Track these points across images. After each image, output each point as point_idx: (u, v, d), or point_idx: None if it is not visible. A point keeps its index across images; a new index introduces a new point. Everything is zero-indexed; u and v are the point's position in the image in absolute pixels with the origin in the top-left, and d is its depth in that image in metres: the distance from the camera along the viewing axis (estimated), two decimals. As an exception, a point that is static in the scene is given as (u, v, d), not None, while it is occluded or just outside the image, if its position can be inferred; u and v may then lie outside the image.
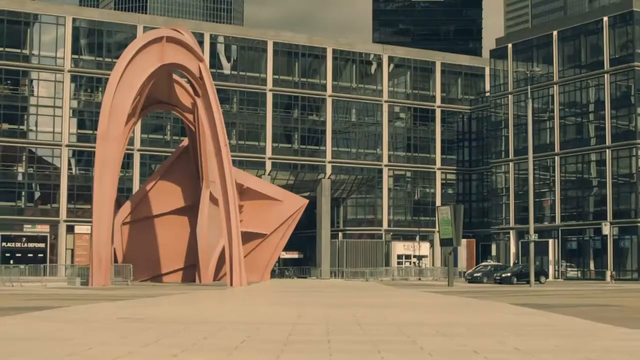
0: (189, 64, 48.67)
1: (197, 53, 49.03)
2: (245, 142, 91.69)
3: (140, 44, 45.34)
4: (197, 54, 49.09)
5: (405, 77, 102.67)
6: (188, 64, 48.54)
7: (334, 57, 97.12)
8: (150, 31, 48.04)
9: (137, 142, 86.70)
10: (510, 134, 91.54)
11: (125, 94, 44.67)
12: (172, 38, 47.19)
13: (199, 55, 49.23)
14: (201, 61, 49.41)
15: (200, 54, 49.24)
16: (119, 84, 44.14)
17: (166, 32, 47.38)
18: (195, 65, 49.12)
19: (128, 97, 44.82)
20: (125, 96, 44.63)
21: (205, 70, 49.38)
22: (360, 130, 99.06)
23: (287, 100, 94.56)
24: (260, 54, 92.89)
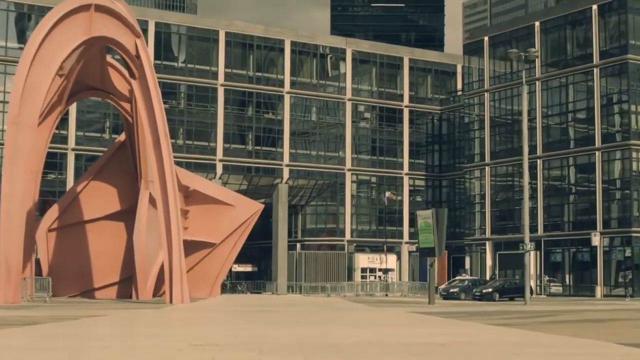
0: (123, 39, 42.28)
1: (133, 27, 42.63)
2: (194, 142, 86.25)
3: (62, 12, 39.02)
4: (133, 28, 42.69)
5: (370, 73, 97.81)
6: (122, 39, 42.14)
7: (293, 50, 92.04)
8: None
9: (72, 140, 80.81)
10: (487, 135, 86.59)
11: (43, 71, 38.31)
12: (102, 7, 40.83)
13: (135, 29, 42.85)
14: (138, 37, 43.05)
15: (137, 28, 42.91)
16: (34, 60, 37.81)
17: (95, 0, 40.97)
18: (130, 41, 42.75)
19: (46, 76, 38.46)
20: (43, 74, 38.27)
21: (142, 47, 43.02)
22: (321, 130, 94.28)
23: (241, 96, 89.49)
24: (211, 45, 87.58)
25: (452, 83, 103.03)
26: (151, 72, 43.32)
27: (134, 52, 43.47)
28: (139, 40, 43.65)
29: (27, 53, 38.34)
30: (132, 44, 43.35)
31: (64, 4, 40.55)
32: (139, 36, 43.77)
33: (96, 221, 55.33)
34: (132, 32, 43.55)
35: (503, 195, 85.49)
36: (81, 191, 55.31)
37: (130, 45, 43.37)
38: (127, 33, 43.17)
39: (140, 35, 43.91)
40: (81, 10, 40.65)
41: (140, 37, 43.89)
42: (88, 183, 55.55)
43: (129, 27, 43.30)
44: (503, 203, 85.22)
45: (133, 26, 43.51)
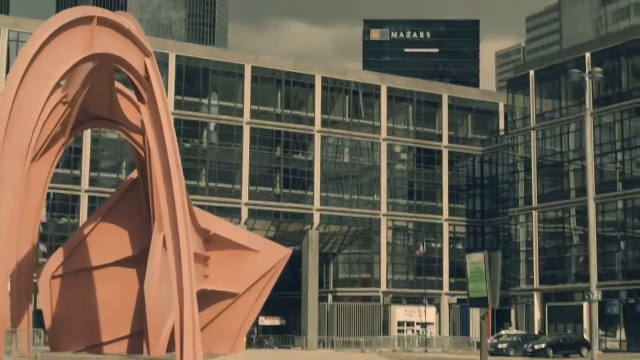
0: (131, 58, 37.60)
1: (143, 44, 37.97)
2: (217, 184, 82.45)
3: (59, 25, 34.51)
4: (142, 46, 38.01)
5: (406, 112, 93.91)
6: (129, 57, 37.46)
7: (324, 86, 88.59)
8: (73, 8, 37.29)
9: (85, 181, 77.51)
10: (534, 177, 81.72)
11: (35, 91, 33.78)
12: (107, 20, 36.24)
13: (144, 47, 38.16)
14: (148, 56, 38.33)
15: (147, 46, 38.23)
16: (25, 77, 33.22)
17: (98, 11, 36.45)
18: (139, 61, 38.05)
19: (39, 96, 33.93)
20: (35, 95, 33.73)
21: (152, 67, 38.27)
22: (354, 173, 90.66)
23: (268, 135, 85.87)
24: (237, 81, 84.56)
25: (495, 123, 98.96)
26: (162, 95, 38.57)
27: (143, 73, 38.77)
28: (148, 59, 38.95)
29: (17, 69, 33.78)
30: (140, 64, 38.68)
31: (62, 15, 36.08)
32: (148, 55, 39.06)
33: (105, 268, 50.48)
34: (141, 50, 38.87)
35: (552, 242, 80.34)
36: (89, 234, 50.57)
37: (139, 65, 38.70)
38: (135, 51, 38.50)
39: (150, 54, 39.22)
40: (82, 24, 36.06)
41: (150, 56, 39.19)
42: (96, 225, 50.83)
43: (138, 44, 38.62)
44: (552, 250, 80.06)
45: (142, 44, 38.82)
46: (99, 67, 40.21)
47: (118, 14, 39.50)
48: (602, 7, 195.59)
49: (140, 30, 40.12)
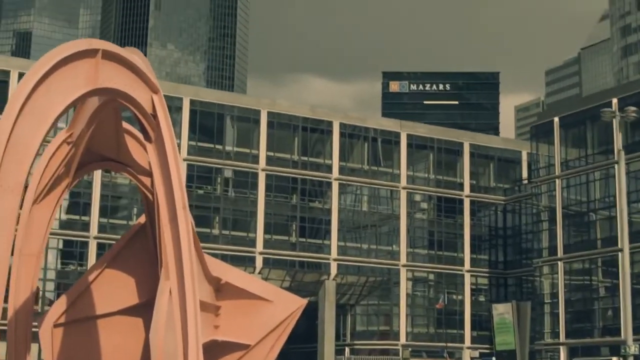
0: (137, 94, 35.51)
1: (150, 80, 35.84)
2: (231, 232, 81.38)
3: (60, 57, 32.45)
4: (149, 82, 35.89)
5: (427, 160, 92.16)
6: (135, 93, 35.39)
7: (342, 133, 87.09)
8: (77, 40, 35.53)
9: (94, 227, 76.13)
10: (558, 227, 79.33)
11: (33, 126, 31.64)
12: (112, 54, 34.24)
13: (152, 83, 36.09)
14: (155, 92, 36.16)
15: (154, 82, 36.17)
16: (22, 111, 31.23)
17: (103, 44, 34.55)
18: (146, 97, 35.93)
19: (37, 132, 31.80)
20: (33, 129, 31.59)
21: (160, 104, 36.16)
22: (372, 222, 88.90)
23: (284, 182, 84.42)
24: (252, 126, 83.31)
25: (517, 171, 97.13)
26: (169, 133, 36.44)
27: (149, 110, 36.68)
28: (156, 96, 36.96)
29: (14, 101, 31.93)
30: (147, 100, 36.66)
31: (64, 47, 34.27)
32: (156, 91, 37.10)
33: (110, 316, 48.29)
34: (148, 86, 36.85)
35: (578, 294, 77.80)
36: (93, 281, 48.43)
37: (146, 102, 36.67)
38: (142, 87, 36.51)
39: (157, 90, 37.28)
40: (85, 57, 34.21)
41: (157, 92, 37.23)
42: (101, 271, 48.70)
43: (144, 80, 36.65)
44: (579, 302, 77.51)
45: (149, 79, 36.82)
46: (104, 104, 38.49)
47: (125, 49, 37.97)
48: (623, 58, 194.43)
49: (148, 65, 38.45)
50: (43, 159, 37.68)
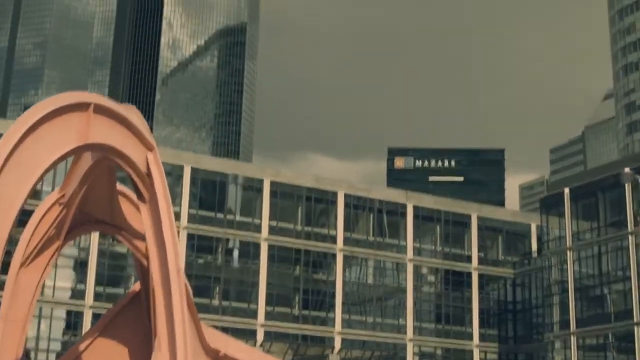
0: (131, 152, 33.90)
1: (145, 137, 34.30)
2: (232, 303, 79.59)
3: (50, 109, 30.94)
4: (144, 139, 34.34)
5: (433, 232, 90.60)
6: (129, 150, 33.78)
7: (347, 203, 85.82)
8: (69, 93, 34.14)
9: (90, 296, 74.46)
10: (570, 300, 77.56)
11: (19, 180, 30.04)
12: (105, 108, 32.70)
13: (147, 141, 34.49)
14: (150, 150, 34.56)
15: (149, 139, 34.57)
16: (6, 164, 29.56)
17: (95, 97, 32.98)
18: (140, 155, 34.33)
19: (22, 186, 30.16)
20: (18, 184, 29.98)
21: (154, 163, 34.51)
22: (378, 294, 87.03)
23: (287, 253, 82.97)
24: (255, 195, 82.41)
25: (526, 244, 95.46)
26: (164, 194, 34.62)
27: (144, 168, 34.97)
28: (150, 154, 35.28)
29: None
30: (141, 159, 34.97)
31: (54, 99, 32.66)
32: (151, 149, 35.42)
33: (101, 389, 46.10)
34: (143, 143, 35.19)
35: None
36: (84, 351, 46.33)
37: (140, 160, 34.97)
38: (136, 144, 34.84)
39: (153, 148, 35.59)
40: (76, 110, 32.61)
41: (152, 150, 35.57)
42: (92, 341, 46.57)
43: (139, 137, 35.00)
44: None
45: (144, 136, 35.19)
46: (98, 163, 36.80)
47: (121, 105, 36.30)
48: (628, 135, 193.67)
49: (144, 123, 36.85)
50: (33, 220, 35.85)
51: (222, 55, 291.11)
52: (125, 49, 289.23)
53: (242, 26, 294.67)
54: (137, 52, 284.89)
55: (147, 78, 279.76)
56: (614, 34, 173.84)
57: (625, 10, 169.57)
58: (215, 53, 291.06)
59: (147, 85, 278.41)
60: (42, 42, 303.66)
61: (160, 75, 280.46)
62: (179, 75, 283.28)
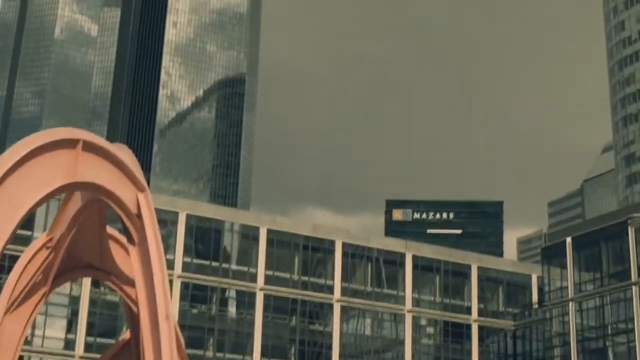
0: (121, 192, 32.90)
1: (136, 177, 33.37)
2: (226, 354, 78.02)
3: (36, 144, 29.99)
4: (135, 179, 33.41)
5: (433, 283, 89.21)
6: (119, 190, 32.78)
7: (345, 252, 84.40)
8: (57, 128, 33.21)
9: (80, 346, 73.05)
10: (572, 353, 75.94)
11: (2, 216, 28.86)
12: (94, 146, 31.77)
13: (138, 181, 33.54)
14: (142, 191, 33.61)
15: (141, 180, 33.61)
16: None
17: (84, 134, 32.01)
18: (130, 196, 33.36)
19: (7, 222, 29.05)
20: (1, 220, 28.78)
21: (145, 204, 33.51)
22: (376, 346, 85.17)
23: (284, 303, 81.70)
24: (251, 243, 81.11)
25: (527, 295, 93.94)
26: (155, 236, 33.50)
27: (134, 209, 33.90)
28: (141, 195, 34.20)
29: (-20, 192, 29.21)
30: (132, 199, 33.89)
31: (42, 134, 31.68)
32: (142, 190, 34.36)
33: None
34: (134, 183, 34.15)
35: None
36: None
37: (130, 201, 33.89)
38: (127, 184, 33.78)
39: (144, 189, 34.53)
40: (64, 147, 31.57)
41: (144, 191, 34.48)
42: (81, 392, 45.31)
43: (130, 176, 33.95)
44: None
45: (135, 176, 34.15)
46: (87, 205, 35.68)
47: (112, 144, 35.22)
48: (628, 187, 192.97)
49: (135, 162, 35.74)
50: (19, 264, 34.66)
51: (221, 106, 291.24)
52: (124, 99, 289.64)
53: (241, 77, 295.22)
54: (135, 102, 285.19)
55: (145, 129, 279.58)
56: (614, 85, 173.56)
57: (625, 61, 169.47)
58: (214, 104, 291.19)
59: (144, 136, 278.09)
60: (40, 92, 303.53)
61: (158, 126, 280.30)
62: (177, 127, 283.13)
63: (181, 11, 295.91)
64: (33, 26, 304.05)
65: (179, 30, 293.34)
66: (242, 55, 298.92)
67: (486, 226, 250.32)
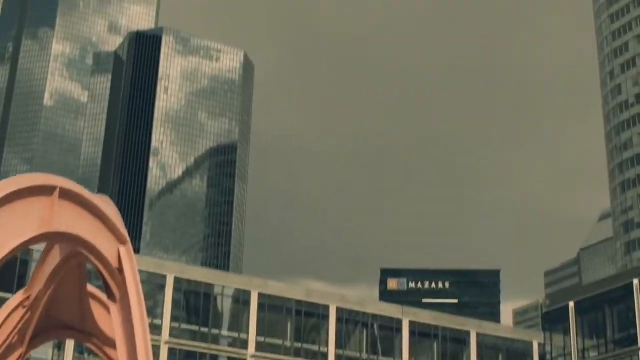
0: (101, 244, 30.79)
1: (117, 229, 31.28)
2: None
3: (9, 190, 27.93)
4: (116, 231, 31.33)
5: (431, 350, 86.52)
6: (99, 242, 30.67)
7: (339, 317, 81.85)
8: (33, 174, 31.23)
9: None
10: (577, 423, 72.78)
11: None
12: (72, 194, 29.77)
13: (119, 233, 31.46)
14: (123, 243, 31.54)
15: (122, 232, 31.51)
16: (-45, 251, 26.37)
17: (61, 181, 30.05)
18: (111, 249, 31.25)
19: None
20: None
21: (127, 258, 31.45)
22: None
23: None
24: (241, 308, 78.17)
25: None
26: (137, 293, 31.27)
27: (115, 263, 31.73)
28: (123, 248, 32.11)
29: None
30: (112, 253, 31.78)
31: (16, 179, 29.65)
32: (124, 242, 32.27)
33: None
34: (115, 236, 32.08)
35: None
36: None
37: (111, 254, 31.76)
38: (107, 236, 31.70)
39: (126, 241, 32.45)
40: (40, 194, 29.51)
41: (125, 244, 32.38)
42: None
43: (111, 228, 31.90)
44: None
45: (116, 228, 32.09)
46: (66, 260, 33.58)
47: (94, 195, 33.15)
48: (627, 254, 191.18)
49: (117, 213, 33.67)
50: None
51: (212, 175, 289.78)
52: (114, 167, 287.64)
53: (233, 145, 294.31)
54: (126, 170, 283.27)
55: (135, 197, 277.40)
56: (611, 150, 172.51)
57: (622, 126, 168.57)
58: (206, 173, 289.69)
59: (135, 205, 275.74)
60: (29, 159, 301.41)
61: (149, 194, 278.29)
62: (168, 195, 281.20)
63: (172, 78, 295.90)
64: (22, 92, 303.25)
65: (170, 97, 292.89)
66: (234, 123, 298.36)
67: (482, 296, 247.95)
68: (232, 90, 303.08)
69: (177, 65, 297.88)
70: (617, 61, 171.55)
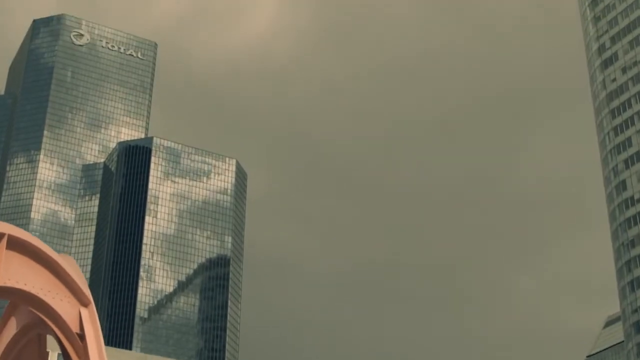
0: (58, 304, 27.34)
1: (78, 288, 28.01)
2: None
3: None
4: (77, 290, 28.07)
5: None
6: (55, 302, 27.27)
7: None
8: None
9: None
10: None
11: None
12: (23, 244, 26.45)
13: (80, 294, 28.07)
14: (85, 305, 28.13)
15: (84, 291, 28.06)
16: None
17: (10, 228, 26.68)
18: (70, 309, 27.92)
19: None
20: None
21: (90, 321, 28.00)
22: None
23: None
24: None
25: None
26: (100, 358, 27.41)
27: (75, 327, 28.14)
28: (85, 310, 28.64)
29: None
30: (72, 315, 28.27)
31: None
32: (85, 304, 28.85)
33: None
34: (76, 296, 28.65)
35: None
36: None
37: (71, 317, 28.25)
38: (66, 295, 28.34)
39: (88, 302, 28.98)
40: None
41: (87, 305, 28.84)
42: None
43: (71, 287, 28.55)
44: None
45: (77, 288, 28.81)
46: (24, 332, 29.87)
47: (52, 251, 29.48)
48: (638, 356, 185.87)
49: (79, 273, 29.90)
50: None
51: (205, 293, 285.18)
52: (102, 288, 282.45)
53: (226, 261, 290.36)
54: (115, 291, 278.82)
55: (124, 317, 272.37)
56: (617, 248, 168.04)
57: (629, 222, 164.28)
58: (198, 290, 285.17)
59: (125, 323, 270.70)
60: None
61: (139, 314, 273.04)
62: (160, 312, 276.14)
63: (162, 200, 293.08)
64: (7, 214, 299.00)
65: (160, 221, 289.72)
66: (227, 241, 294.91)
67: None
68: (224, 206, 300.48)
69: (167, 187, 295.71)
70: (620, 157, 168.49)
